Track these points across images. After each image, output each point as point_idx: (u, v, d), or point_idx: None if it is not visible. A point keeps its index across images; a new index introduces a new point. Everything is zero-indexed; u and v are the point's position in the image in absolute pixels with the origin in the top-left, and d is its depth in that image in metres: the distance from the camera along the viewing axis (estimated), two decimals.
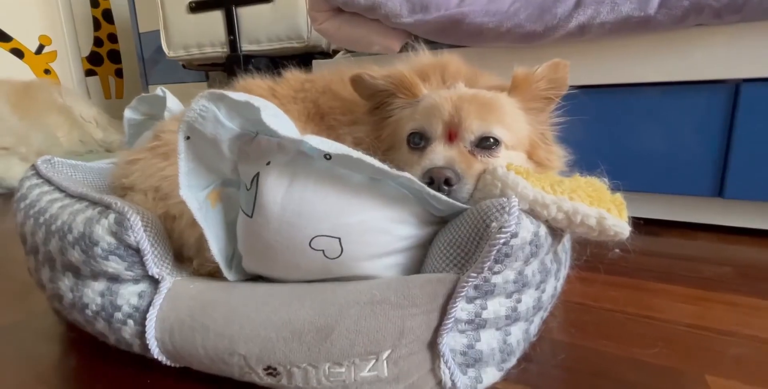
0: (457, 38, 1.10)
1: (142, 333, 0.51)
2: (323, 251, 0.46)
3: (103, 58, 3.14)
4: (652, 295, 0.77)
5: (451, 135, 0.56)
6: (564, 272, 0.63)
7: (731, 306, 0.72)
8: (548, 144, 0.66)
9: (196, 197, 0.45)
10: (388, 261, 0.50)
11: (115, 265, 0.50)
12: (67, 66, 2.99)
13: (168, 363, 0.52)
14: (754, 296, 0.76)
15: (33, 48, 2.82)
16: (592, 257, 0.71)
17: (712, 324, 0.67)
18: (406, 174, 0.43)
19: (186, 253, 0.58)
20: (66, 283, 0.55)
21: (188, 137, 0.41)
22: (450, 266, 0.47)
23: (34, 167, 0.72)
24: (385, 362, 0.45)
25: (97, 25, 3.07)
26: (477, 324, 0.49)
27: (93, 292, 0.53)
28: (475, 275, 0.44)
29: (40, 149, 2.23)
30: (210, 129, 0.40)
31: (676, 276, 0.85)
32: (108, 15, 3.10)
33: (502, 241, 0.42)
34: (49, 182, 0.66)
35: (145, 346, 0.51)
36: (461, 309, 0.47)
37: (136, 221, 0.48)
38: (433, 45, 1.03)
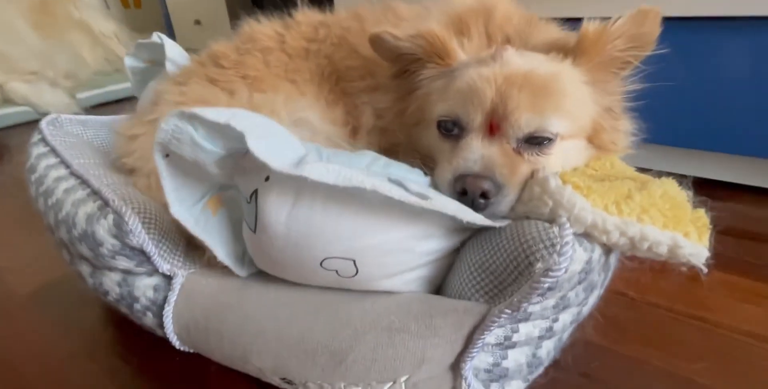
0: None
1: (161, 325, 0.51)
2: (336, 271, 0.41)
3: None
4: (708, 288, 0.68)
5: (493, 128, 0.44)
6: (612, 270, 0.56)
7: None
8: (616, 118, 0.52)
9: (191, 213, 0.40)
10: (408, 277, 0.44)
11: (124, 263, 0.48)
12: None
13: (191, 351, 0.52)
14: None
15: None
16: None
17: None
18: (438, 206, 0.34)
19: (197, 241, 0.54)
20: (85, 269, 0.54)
21: (167, 155, 0.34)
22: (479, 294, 0.41)
23: (39, 130, 0.68)
24: (403, 384, 0.43)
25: None
26: (506, 346, 0.45)
27: (111, 281, 0.52)
28: (509, 311, 0.39)
29: (68, 70, 2.19)
30: (188, 152, 0.33)
31: (739, 263, 0.75)
32: None
33: (546, 285, 0.35)
34: (54, 151, 0.62)
35: (166, 335, 0.51)
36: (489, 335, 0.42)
37: (135, 224, 0.44)
38: None
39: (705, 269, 0.40)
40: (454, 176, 0.44)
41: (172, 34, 2.76)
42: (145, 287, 0.51)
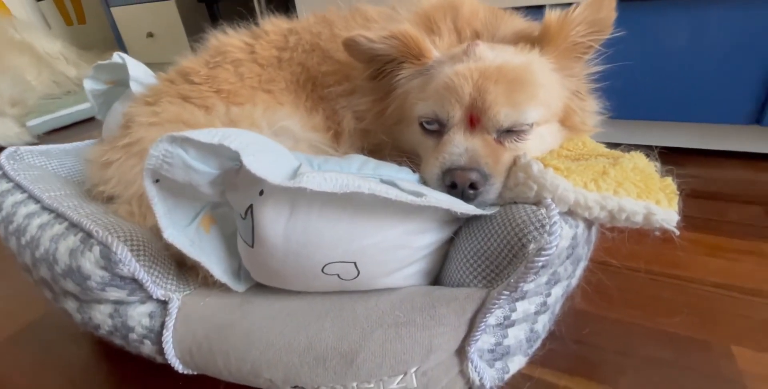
0: None
1: (162, 351, 0.50)
2: (338, 275, 0.42)
3: None
4: (677, 247, 0.74)
5: (473, 121, 0.46)
6: (594, 242, 0.59)
7: (759, 258, 0.70)
8: (583, 100, 0.56)
9: (185, 234, 0.39)
10: (407, 272, 0.46)
11: (115, 294, 0.47)
12: None
13: (195, 373, 0.52)
14: None
15: None
16: None
17: (738, 282, 0.65)
18: (433, 202, 0.36)
19: (189, 262, 0.53)
20: (71, 305, 0.52)
21: (157, 180, 0.33)
22: (477, 279, 0.43)
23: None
24: (413, 374, 0.44)
25: None
26: (506, 325, 0.47)
27: (101, 314, 0.51)
28: (507, 292, 0.41)
29: (13, 97, 2.05)
30: (181, 175, 0.32)
31: (701, 221, 0.81)
32: None
33: (540, 263, 0.37)
34: (20, 186, 0.59)
35: (167, 361, 0.50)
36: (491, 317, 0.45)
37: (124, 253, 0.43)
38: None
39: (677, 232, 0.43)
40: (442, 170, 0.45)
41: (123, 48, 2.64)
42: (139, 315, 0.50)
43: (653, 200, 0.43)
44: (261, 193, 0.35)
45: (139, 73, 0.71)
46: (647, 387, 0.50)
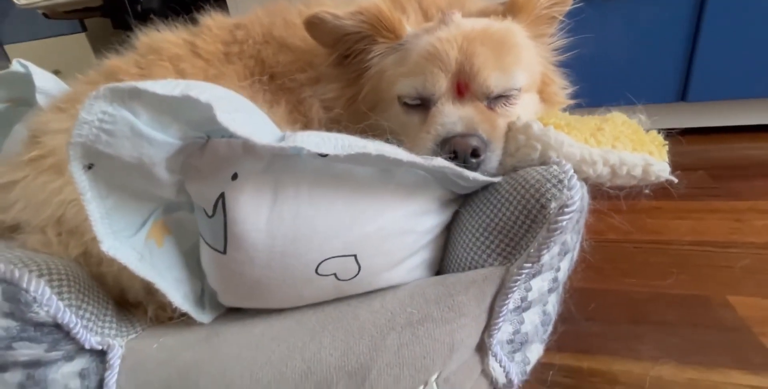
0: None
1: None
2: (335, 274, 0.35)
3: None
4: (647, 215, 0.76)
5: (461, 88, 0.43)
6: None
7: (718, 214, 0.74)
8: (553, 72, 0.55)
9: (132, 245, 0.30)
10: (411, 263, 0.39)
11: (27, 351, 0.34)
12: None
13: None
14: (732, 198, 0.79)
15: None
16: None
17: (710, 237, 0.67)
18: (441, 160, 0.30)
19: (132, 298, 0.42)
20: None
21: (90, 166, 0.24)
22: (492, 257, 0.38)
23: None
24: (434, 383, 0.37)
25: None
26: (522, 308, 0.42)
27: (7, 386, 0.37)
28: (529, 265, 0.36)
29: None
30: (127, 149, 0.24)
31: (659, 191, 0.85)
32: None
33: (564, 222, 0.33)
34: None
35: None
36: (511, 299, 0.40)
37: (40, 290, 0.32)
38: None
39: (676, 180, 0.42)
40: (437, 142, 0.41)
41: None
42: (65, 378, 0.37)
43: (647, 152, 0.41)
44: (235, 177, 0.28)
45: (47, 85, 0.59)
46: (668, 349, 0.48)
